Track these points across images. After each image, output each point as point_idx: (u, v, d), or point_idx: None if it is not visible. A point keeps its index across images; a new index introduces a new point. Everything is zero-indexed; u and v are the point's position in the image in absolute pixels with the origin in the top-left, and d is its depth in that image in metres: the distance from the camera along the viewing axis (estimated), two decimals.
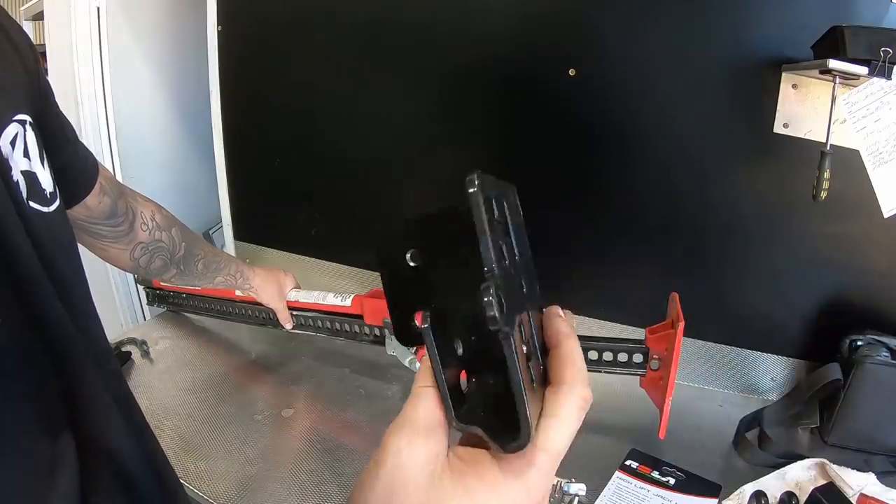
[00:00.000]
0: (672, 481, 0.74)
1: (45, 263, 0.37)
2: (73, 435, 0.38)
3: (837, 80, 0.71)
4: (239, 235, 1.40)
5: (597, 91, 0.96)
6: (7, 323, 0.34)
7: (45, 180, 0.40)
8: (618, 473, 0.76)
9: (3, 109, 0.38)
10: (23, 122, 0.39)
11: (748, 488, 0.72)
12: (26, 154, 0.39)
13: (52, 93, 0.50)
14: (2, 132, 0.37)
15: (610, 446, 0.81)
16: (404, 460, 0.25)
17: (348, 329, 0.96)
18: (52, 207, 0.41)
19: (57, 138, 0.50)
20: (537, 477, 0.25)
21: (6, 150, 0.37)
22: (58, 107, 0.51)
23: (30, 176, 0.39)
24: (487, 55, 1.02)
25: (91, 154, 0.59)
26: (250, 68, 1.25)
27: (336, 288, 1.02)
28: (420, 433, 0.26)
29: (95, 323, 0.45)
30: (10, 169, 0.37)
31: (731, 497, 0.72)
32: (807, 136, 0.85)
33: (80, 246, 0.54)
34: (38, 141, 0.40)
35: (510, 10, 0.98)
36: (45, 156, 0.41)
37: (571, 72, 0.95)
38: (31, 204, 0.38)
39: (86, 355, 0.40)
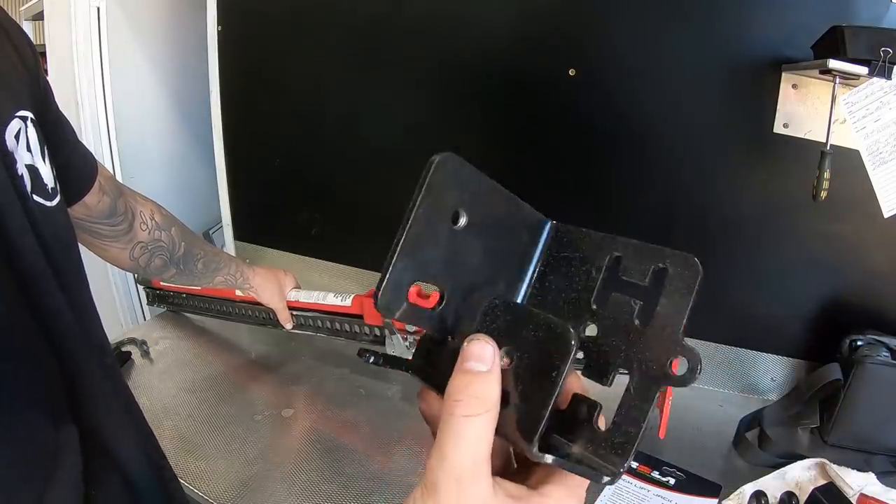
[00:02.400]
0: (672, 481, 0.74)
1: (48, 256, 0.37)
2: (76, 427, 0.38)
3: (837, 80, 0.71)
4: (239, 235, 1.40)
5: (597, 91, 0.96)
6: (12, 312, 0.34)
7: (47, 175, 0.41)
8: None
9: (6, 105, 0.38)
10: (24, 119, 0.39)
11: (748, 488, 0.72)
12: (28, 149, 0.39)
13: (52, 93, 0.50)
14: (6, 126, 0.37)
15: None
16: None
17: (348, 329, 0.95)
18: (54, 202, 0.41)
19: (56, 137, 0.50)
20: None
21: (11, 143, 0.37)
22: (57, 106, 0.51)
23: (33, 170, 0.39)
24: (487, 55, 1.02)
25: (90, 153, 0.59)
26: (250, 68, 1.25)
27: (336, 288, 1.02)
28: (475, 476, 0.23)
29: (95, 317, 0.45)
30: (15, 162, 0.37)
31: (731, 497, 0.72)
32: (807, 136, 0.85)
33: (80, 246, 0.54)
34: (39, 137, 0.40)
35: (510, 9, 0.98)
36: (45, 152, 0.41)
37: (571, 72, 0.95)
38: (35, 198, 0.39)
39: (86, 348, 0.40)
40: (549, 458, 0.23)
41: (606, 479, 0.22)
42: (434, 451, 0.23)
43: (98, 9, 1.24)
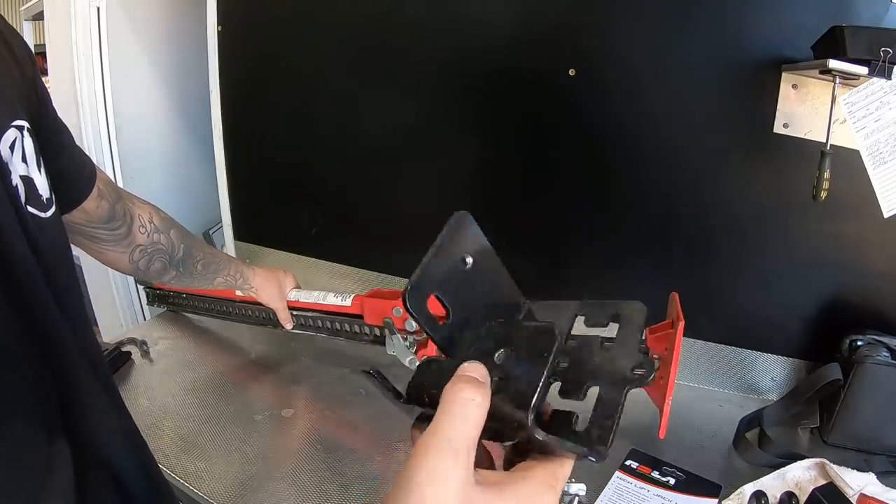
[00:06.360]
0: (672, 481, 0.74)
1: (43, 268, 0.37)
2: (68, 439, 0.38)
3: (837, 80, 0.71)
4: (239, 235, 1.40)
5: (597, 91, 0.96)
6: (5, 323, 0.34)
7: (42, 186, 0.40)
8: (618, 473, 0.76)
9: (1, 114, 0.38)
10: (20, 128, 0.39)
11: (748, 488, 0.72)
12: (24, 160, 0.39)
13: (50, 98, 0.50)
14: (1, 137, 0.37)
15: None
16: (446, 484, 0.24)
17: (348, 329, 0.95)
18: (49, 213, 0.41)
19: (54, 144, 0.50)
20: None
21: (6, 154, 0.37)
22: (55, 112, 0.51)
23: (28, 181, 0.39)
24: (487, 55, 1.02)
25: (88, 158, 0.59)
26: (250, 68, 1.25)
27: (336, 288, 1.02)
28: (463, 454, 0.25)
29: (89, 329, 0.45)
30: (9, 173, 0.37)
31: (731, 497, 0.72)
32: (807, 136, 0.85)
33: (79, 249, 0.54)
34: (35, 147, 0.40)
35: (511, 9, 0.98)
36: (41, 162, 0.41)
37: (571, 72, 0.95)
38: (30, 209, 0.38)
39: (81, 360, 0.40)
40: (541, 434, 0.25)
41: (592, 458, 0.26)
42: (430, 429, 0.25)
43: (98, 9, 1.25)
